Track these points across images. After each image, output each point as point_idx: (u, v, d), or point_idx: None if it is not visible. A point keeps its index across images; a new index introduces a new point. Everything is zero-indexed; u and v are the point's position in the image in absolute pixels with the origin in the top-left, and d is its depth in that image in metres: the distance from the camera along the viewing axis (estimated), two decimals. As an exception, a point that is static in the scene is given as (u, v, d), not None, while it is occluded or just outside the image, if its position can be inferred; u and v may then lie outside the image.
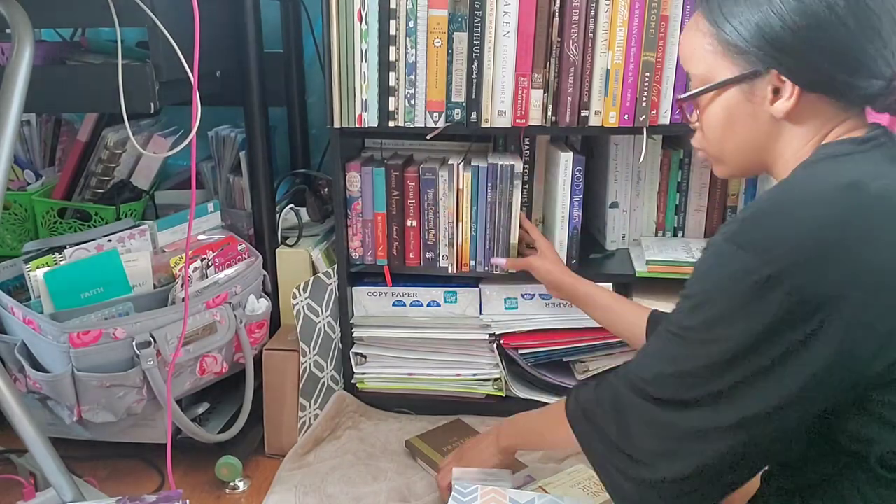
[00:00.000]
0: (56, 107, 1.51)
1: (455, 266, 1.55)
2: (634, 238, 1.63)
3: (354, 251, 1.57)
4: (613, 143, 1.57)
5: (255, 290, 1.47)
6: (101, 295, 1.29)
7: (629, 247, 1.63)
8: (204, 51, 1.12)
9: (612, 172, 1.58)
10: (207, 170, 1.75)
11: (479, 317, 1.60)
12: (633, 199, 1.60)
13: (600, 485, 1.37)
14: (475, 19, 1.37)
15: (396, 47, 1.40)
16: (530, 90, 1.40)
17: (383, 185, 1.52)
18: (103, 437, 1.39)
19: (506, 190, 1.49)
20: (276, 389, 1.53)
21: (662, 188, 1.59)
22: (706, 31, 0.85)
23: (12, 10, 1.06)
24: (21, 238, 1.57)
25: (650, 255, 1.49)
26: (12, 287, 1.34)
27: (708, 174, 1.58)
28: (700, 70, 0.87)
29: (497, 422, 1.58)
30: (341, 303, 1.60)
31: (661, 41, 1.35)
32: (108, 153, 1.54)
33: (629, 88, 1.36)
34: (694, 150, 0.97)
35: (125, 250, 1.36)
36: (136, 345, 1.24)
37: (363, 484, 1.40)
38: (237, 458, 1.43)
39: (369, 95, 1.42)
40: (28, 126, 1.68)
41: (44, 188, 1.60)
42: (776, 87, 0.82)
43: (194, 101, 1.16)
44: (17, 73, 1.04)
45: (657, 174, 1.58)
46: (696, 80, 0.89)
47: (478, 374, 1.60)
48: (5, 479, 1.35)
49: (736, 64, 0.83)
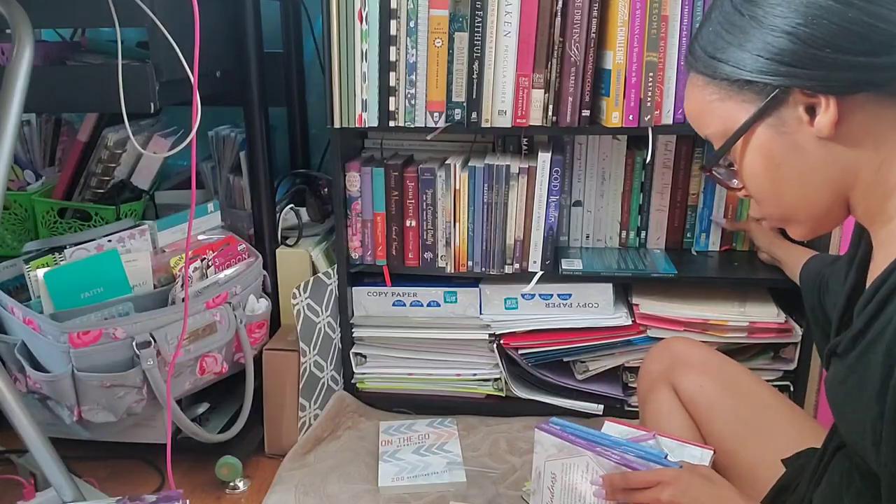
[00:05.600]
0: (56, 107, 1.51)
1: (453, 266, 1.55)
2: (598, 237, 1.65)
3: (354, 251, 1.57)
4: (578, 142, 1.58)
5: (255, 290, 1.47)
6: (101, 295, 1.29)
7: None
8: (204, 51, 1.12)
9: (577, 172, 1.60)
10: (207, 170, 1.75)
11: (479, 317, 1.60)
12: (597, 199, 1.62)
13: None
14: (476, 19, 1.37)
15: (397, 47, 1.40)
16: (531, 90, 1.40)
17: (382, 185, 1.52)
18: (103, 437, 1.39)
19: (502, 190, 1.49)
20: (276, 389, 1.53)
21: (626, 188, 1.60)
22: (704, 83, 0.74)
23: (12, 10, 1.06)
24: (21, 238, 1.57)
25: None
26: (12, 287, 1.34)
27: (670, 175, 1.58)
28: (716, 126, 0.75)
29: (497, 422, 1.58)
30: (341, 303, 1.60)
31: (662, 41, 1.35)
32: (108, 153, 1.54)
33: (633, 89, 1.36)
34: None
35: (125, 250, 1.36)
36: (136, 345, 1.24)
37: (363, 483, 1.40)
38: (237, 458, 1.43)
39: (370, 95, 1.42)
40: (28, 126, 1.68)
41: (44, 188, 1.60)
42: (807, 105, 0.68)
43: (194, 101, 1.16)
44: (17, 73, 1.04)
45: (622, 174, 1.60)
46: (716, 141, 0.76)
47: (478, 374, 1.60)
48: (5, 479, 1.35)
49: (750, 100, 0.71)
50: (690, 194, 1.60)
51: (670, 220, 1.62)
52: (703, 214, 1.60)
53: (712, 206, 1.60)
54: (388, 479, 1.40)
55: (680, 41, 1.36)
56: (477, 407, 1.62)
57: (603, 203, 1.62)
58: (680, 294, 1.53)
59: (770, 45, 0.68)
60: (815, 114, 0.68)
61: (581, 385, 1.57)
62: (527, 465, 1.45)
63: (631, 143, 1.58)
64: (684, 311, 1.49)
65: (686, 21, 1.35)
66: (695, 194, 1.60)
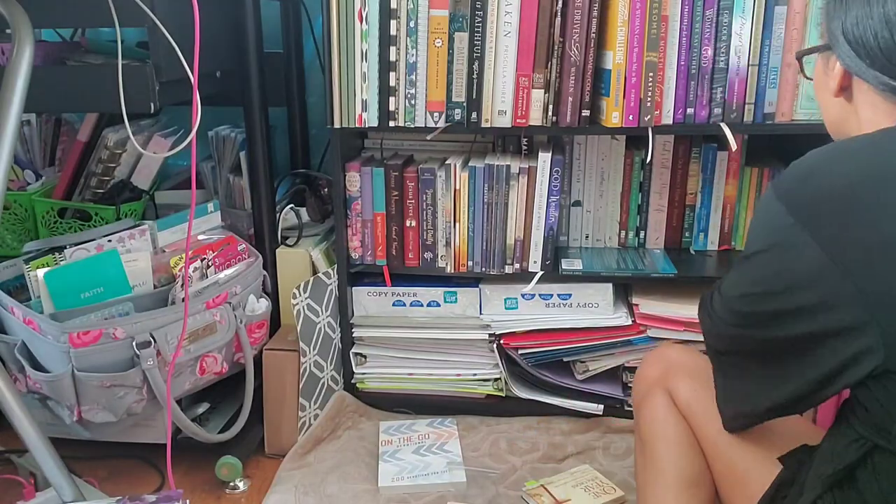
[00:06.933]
0: (56, 107, 1.51)
1: (453, 266, 1.55)
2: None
3: (354, 251, 1.57)
4: (577, 142, 1.58)
5: (255, 290, 1.47)
6: (101, 295, 1.29)
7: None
8: (204, 51, 1.12)
9: (576, 172, 1.60)
10: (207, 170, 1.75)
11: (479, 317, 1.60)
12: (596, 199, 1.62)
13: (603, 485, 1.38)
14: (476, 19, 1.37)
15: (397, 47, 1.40)
16: (531, 90, 1.40)
17: (382, 186, 1.52)
18: (103, 437, 1.39)
19: (502, 190, 1.49)
20: (276, 389, 1.53)
21: (625, 188, 1.61)
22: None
23: (12, 10, 1.06)
24: (21, 238, 1.57)
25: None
26: (12, 287, 1.34)
27: (668, 175, 1.59)
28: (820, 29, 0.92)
29: (497, 422, 1.59)
30: (341, 303, 1.60)
31: (662, 41, 1.35)
32: (108, 153, 1.54)
33: (632, 89, 1.36)
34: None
35: (125, 250, 1.36)
36: (136, 345, 1.24)
37: (363, 483, 1.40)
38: (237, 458, 1.43)
39: (370, 95, 1.42)
40: (28, 126, 1.68)
41: (44, 188, 1.60)
42: (835, 63, 0.85)
43: (194, 101, 1.16)
44: (17, 73, 1.04)
45: (620, 174, 1.60)
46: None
47: (478, 374, 1.60)
48: (5, 479, 1.35)
49: (823, 35, 0.88)
50: (689, 194, 1.60)
51: (669, 220, 1.62)
52: (701, 214, 1.61)
53: (710, 206, 1.60)
54: (388, 479, 1.40)
55: (680, 41, 1.36)
56: (477, 407, 1.62)
57: (602, 203, 1.62)
58: (680, 294, 1.53)
59: (843, 21, 0.84)
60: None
61: (581, 385, 1.57)
62: (527, 465, 1.45)
63: (629, 143, 1.59)
64: (684, 310, 1.49)
65: (686, 21, 1.35)
66: (693, 194, 1.60)
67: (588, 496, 1.34)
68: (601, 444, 1.51)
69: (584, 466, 1.43)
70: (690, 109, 1.40)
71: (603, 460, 1.46)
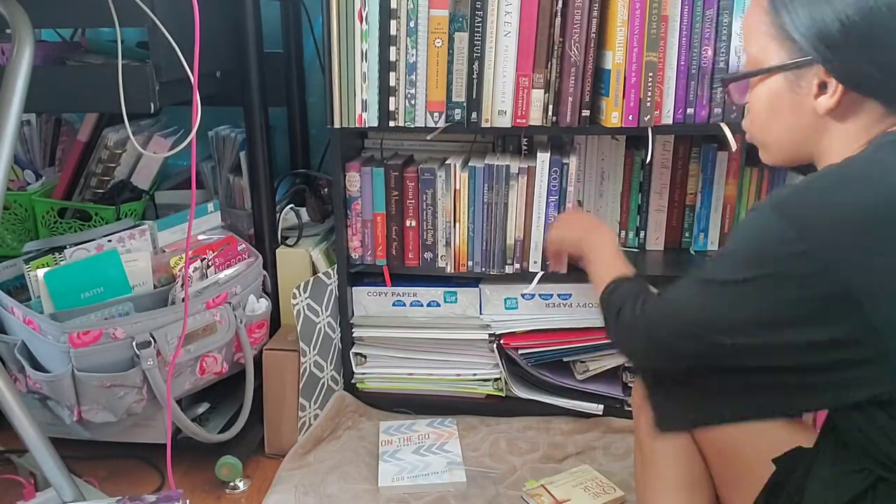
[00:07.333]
0: (56, 107, 1.51)
1: (453, 266, 1.55)
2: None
3: (354, 251, 1.57)
4: (577, 142, 1.58)
5: (255, 290, 1.47)
6: (101, 295, 1.29)
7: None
8: (204, 51, 1.12)
9: (576, 172, 1.59)
10: (207, 170, 1.75)
11: (479, 317, 1.60)
12: (596, 199, 1.62)
13: (603, 485, 1.38)
14: (476, 19, 1.37)
15: (397, 47, 1.40)
16: (531, 90, 1.40)
17: (382, 186, 1.52)
18: (103, 437, 1.39)
19: (502, 190, 1.49)
20: (276, 389, 1.53)
21: (625, 188, 1.61)
22: (766, 11, 0.84)
23: (12, 10, 1.06)
24: (21, 238, 1.57)
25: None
26: (12, 287, 1.34)
27: (668, 175, 1.59)
28: (753, 50, 0.86)
29: (497, 422, 1.59)
30: (341, 303, 1.60)
31: (661, 41, 1.35)
32: (108, 153, 1.54)
33: (632, 89, 1.36)
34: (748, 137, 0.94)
35: (125, 250, 1.36)
36: (136, 345, 1.24)
37: (363, 483, 1.40)
38: (237, 458, 1.43)
39: (370, 95, 1.42)
40: (28, 126, 1.68)
41: (44, 188, 1.60)
42: (822, 81, 0.80)
43: (194, 101, 1.16)
44: (17, 73, 1.04)
45: (620, 175, 1.60)
46: (748, 61, 0.88)
47: (478, 374, 1.60)
48: (5, 479, 1.35)
49: (786, 52, 0.82)
50: (688, 194, 1.60)
51: (669, 220, 1.62)
52: (701, 214, 1.61)
53: (710, 206, 1.60)
54: (388, 479, 1.40)
55: (680, 41, 1.36)
56: (477, 407, 1.62)
57: (602, 203, 1.62)
58: (680, 294, 1.52)
59: (826, 24, 0.77)
60: (824, 91, 0.80)
61: (581, 385, 1.57)
62: (527, 465, 1.45)
63: (629, 143, 1.59)
64: (684, 310, 1.49)
65: (686, 21, 1.35)
66: (693, 194, 1.60)
67: (588, 496, 1.34)
68: (601, 444, 1.51)
69: (584, 466, 1.43)
70: (690, 109, 1.40)
71: (603, 460, 1.46)
